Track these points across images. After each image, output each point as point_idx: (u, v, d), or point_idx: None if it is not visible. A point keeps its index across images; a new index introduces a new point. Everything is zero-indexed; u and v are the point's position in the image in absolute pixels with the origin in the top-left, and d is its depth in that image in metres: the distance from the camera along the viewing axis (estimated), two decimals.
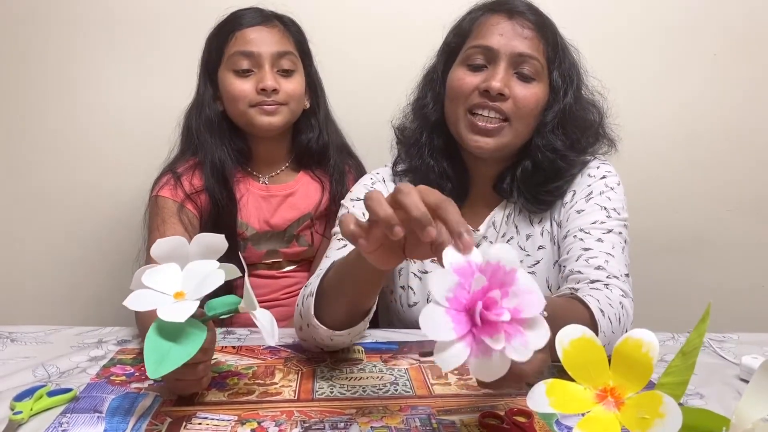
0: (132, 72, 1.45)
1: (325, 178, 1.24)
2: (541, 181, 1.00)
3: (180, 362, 0.63)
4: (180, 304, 0.65)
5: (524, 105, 0.95)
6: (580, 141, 1.01)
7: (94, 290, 1.52)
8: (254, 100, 1.12)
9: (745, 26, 1.49)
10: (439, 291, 0.50)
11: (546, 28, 0.98)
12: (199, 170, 1.15)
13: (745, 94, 1.53)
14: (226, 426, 0.67)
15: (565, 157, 0.99)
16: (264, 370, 0.83)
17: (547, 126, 0.98)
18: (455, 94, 0.98)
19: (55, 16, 1.42)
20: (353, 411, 0.70)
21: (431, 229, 0.55)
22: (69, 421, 0.67)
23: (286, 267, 1.25)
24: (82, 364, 0.85)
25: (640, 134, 1.51)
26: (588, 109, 1.03)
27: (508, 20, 0.96)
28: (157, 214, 1.12)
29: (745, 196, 1.58)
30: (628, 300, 0.86)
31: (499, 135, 0.96)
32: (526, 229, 1.04)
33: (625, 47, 1.48)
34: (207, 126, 1.16)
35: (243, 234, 1.19)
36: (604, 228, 0.95)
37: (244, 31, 1.13)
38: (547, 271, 1.02)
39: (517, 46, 0.94)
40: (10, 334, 0.96)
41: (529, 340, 0.50)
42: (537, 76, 0.96)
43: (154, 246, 0.70)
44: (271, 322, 0.70)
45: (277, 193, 1.21)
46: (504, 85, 0.93)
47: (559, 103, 0.98)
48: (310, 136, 1.22)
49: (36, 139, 1.47)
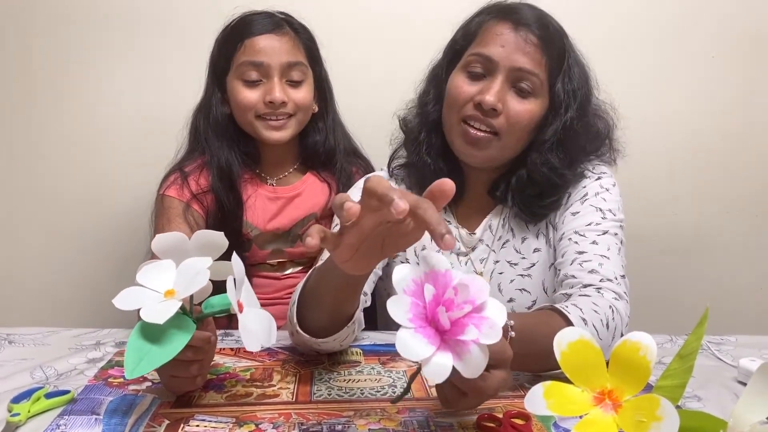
0: (137, 72, 1.45)
1: (331, 179, 1.24)
2: (536, 195, 0.99)
3: (159, 363, 0.62)
4: (163, 304, 0.64)
5: (516, 121, 0.94)
6: (580, 159, 1.00)
7: (92, 292, 1.52)
8: (261, 111, 1.12)
9: (744, 27, 1.49)
10: (399, 316, 0.53)
11: (551, 43, 0.95)
12: (206, 170, 1.15)
13: (744, 95, 1.53)
14: (223, 428, 0.67)
15: (563, 175, 0.98)
16: (262, 372, 0.82)
17: (546, 143, 0.97)
18: (451, 101, 0.97)
19: (62, 17, 1.42)
20: (351, 413, 0.70)
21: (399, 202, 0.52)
22: (67, 423, 0.67)
23: (290, 269, 1.24)
24: (80, 366, 0.85)
25: (639, 135, 1.50)
26: (591, 123, 1.01)
27: (513, 31, 0.94)
28: (163, 214, 1.12)
29: (744, 198, 1.58)
30: (622, 302, 0.86)
31: (487, 148, 0.95)
32: (521, 232, 1.03)
33: (623, 48, 1.48)
34: (214, 128, 1.16)
35: (248, 234, 1.18)
36: (599, 230, 0.95)
37: (253, 39, 1.11)
38: (543, 273, 1.02)
39: (517, 60, 0.93)
40: (8, 335, 0.96)
41: (493, 320, 0.54)
42: (535, 92, 0.94)
43: (154, 241, 0.70)
44: (265, 324, 0.69)
45: (283, 195, 1.21)
46: (498, 100, 0.92)
47: (560, 119, 0.96)
48: (317, 139, 1.22)
49: (39, 141, 1.47)
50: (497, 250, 1.04)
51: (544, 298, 1.02)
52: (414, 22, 1.44)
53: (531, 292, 1.02)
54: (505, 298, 1.03)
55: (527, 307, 1.02)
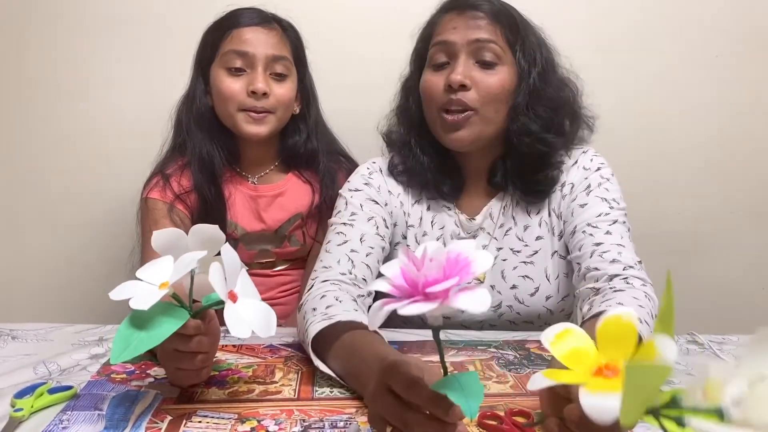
0: (131, 72, 1.45)
1: (314, 180, 1.23)
2: (530, 171, 1.01)
3: (145, 348, 0.63)
4: (150, 293, 0.65)
5: (488, 92, 0.96)
6: (554, 120, 1.01)
7: (95, 288, 1.52)
8: (243, 103, 1.12)
9: (748, 26, 1.49)
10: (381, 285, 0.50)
11: (500, 13, 0.99)
12: (187, 170, 1.15)
13: (748, 94, 1.52)
14: (226, 424, 0.67)
15: (543, 140, 0.99)
16: (264, 369, 0.83)
17: (518, 109, 0.99)
18: (427, 96, 1.00)
19: (56, 17, 1.42)
20: (353, 410, 0.71)
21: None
22: (69, 419, 0.67)
23: (279, 265, 1.25)
24: (82, 362, 0.85)
25: (643, 135, 1.51)
26: (559, 87, 1.03)
27: (460, 15, 0.98)
28: (149, 216, 1.13)
29: (747, 197, 1.57)
30: (649, 287, 0.88)
31: (468, 126, 0.97)
32: (523, 220, 1.05)
33: (627, 48, 1.48)
34: (197, 120, 1.16)
35: (233, 234, 1.18)
36: (610, 219, 0.97)
37: (241, 30, 1.12)
38: (545, 260, 1.04)
39: (471, 33, 0.96)
40: (11, 331, 0.96)
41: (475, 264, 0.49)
42: (499, 60, 0.97)
43: (152, 238, 0.71)
44: (261, 316, 0.69)
45: (265, 193, 1.21)
46: (464, 76, 0.95)
47: (527, 83, 0.99)
48: (297, 139, 1.21)
49: (37, 139, 1.47)
50: (500, 237, 1.05)
51: (547, 285, 1.03)
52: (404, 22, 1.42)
53: (534, 279, 1.04)
54: (508, 285, 1.04)
55: (530, 294, 1.04)
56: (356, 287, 0.93)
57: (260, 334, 0.67)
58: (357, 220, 1.01)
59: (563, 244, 1.03)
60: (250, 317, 0.67)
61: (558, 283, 1.04)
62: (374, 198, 1.05)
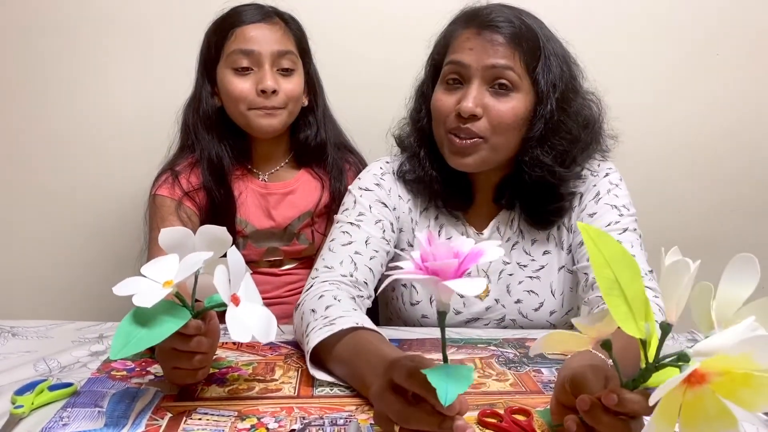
0: (132, 70, 1.45)
1: (324, 175, 1.23)
2: (539, 201, 0.99)
3: (144, 346, 0.63)
4: (154, 290, 0.65)
5: (500, 122, 0.92)
6: (569, 152, 0.97)
7: (95, 285, 1.52)
8: (254, 102, 1.11)
9: (749, 25, 1.49)
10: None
11: (521, 36, 0.93)
12: (197, 168, 1.15)
13: (749, 93, 1.52)
14: (226, 421, 0.67)
15: (556, 173, 0.96)
16: (264, 367, 0.83)
17: (531, 141, 0.95)
18: (436, 115, 0.97)
19: (55, 16, 1.42)
20: (353, 408, 0.71)
21: None
22: (70, 416, 0.67)
23: (287, 264, 1.25)
24: (83, 359, 0.85)
25: (643, 134, 1.51)
26: (578, 113, 0.98)
27: (478, 35, 0.93)
28: (157, 213, 1.12)
29: (747, 196, 1.57)
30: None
31: (476, 153, 0.94)
32: (531, 234, 1.03)
33: (626, 47, 1.47)
34: (204, 122, 1.15)
35: (242, 231, 1.18)
36: (620, 228, 0.95)
37: (244, 28, 1.11)
38: (551, 276, 1.03)
39: (488, 58, 0.91)
40: (12, 328, 0.96)
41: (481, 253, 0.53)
42: (515, 87, 0.92)
43: (160, 235, 0.71)
44: (262, 321, 0.69)
45: (276, 191, 1.21)
46: (476, 105, 0.91)
47: (543, 111, 0.94)
48: (308, 133, 1.21)
49: (38, 137, 1.47)
50: (507, 251, 1.04)
51: (552, 300, 1.03)
52: (407, 18, 1.42)
53: (539, 294, 1.03)
54: (513, 299, 1.03)
55: (534, 309, 1.03)
56: (356, 289, 0.93)
57: (260, 340, 0.67)
58: (364, 221, 1.00)
59: (570, 258, 1.02)
60: (251, 322, 0.68)
61: (563, 299, 1.03)
62: (384, 201, 1.03)
